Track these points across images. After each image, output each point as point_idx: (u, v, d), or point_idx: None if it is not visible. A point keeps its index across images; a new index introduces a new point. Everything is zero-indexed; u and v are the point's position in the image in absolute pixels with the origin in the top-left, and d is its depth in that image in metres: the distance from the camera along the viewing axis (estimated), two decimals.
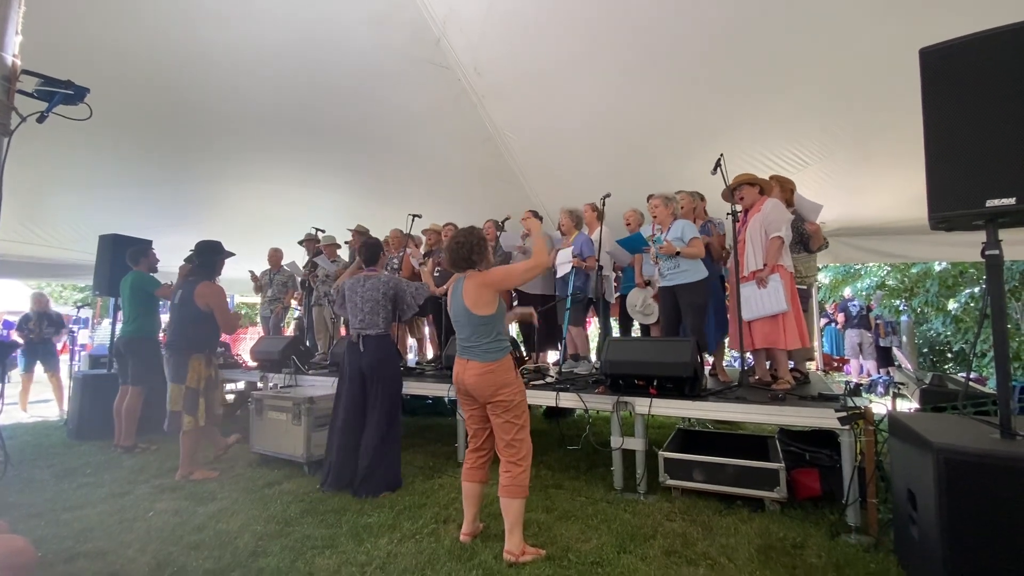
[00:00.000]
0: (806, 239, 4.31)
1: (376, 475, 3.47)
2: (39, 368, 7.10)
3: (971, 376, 6.49)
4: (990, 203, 2.00)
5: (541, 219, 5.55)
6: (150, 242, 5.67)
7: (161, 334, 5.14)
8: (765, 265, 3.77)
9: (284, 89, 4.89)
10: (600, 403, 3.54)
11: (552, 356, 5.92)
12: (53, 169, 5.65)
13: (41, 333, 7.10)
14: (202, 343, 3.98)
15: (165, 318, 5.04)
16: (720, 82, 4.37)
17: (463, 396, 2.75)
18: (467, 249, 2.70)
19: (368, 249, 3.86)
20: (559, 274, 4.97)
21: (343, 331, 6.46)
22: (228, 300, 4.22)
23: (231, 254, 4.29)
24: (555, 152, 5.84)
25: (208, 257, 4.08)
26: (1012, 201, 1.95)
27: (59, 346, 7.77)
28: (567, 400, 3.69)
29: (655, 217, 4.33)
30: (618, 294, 5.32)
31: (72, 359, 7.27)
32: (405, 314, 3.87)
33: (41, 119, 2.36)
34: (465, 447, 4.09)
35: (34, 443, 5.13)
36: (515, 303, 6.08)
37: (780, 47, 3.92)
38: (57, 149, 5.28)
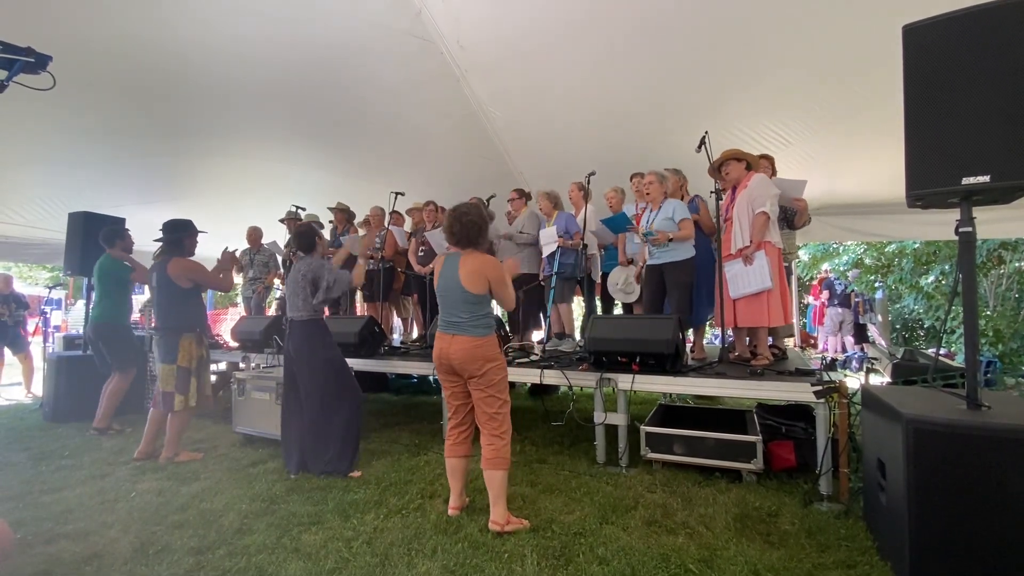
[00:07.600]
0: (791, 216, 4.32)
1: (321, 458, 3.44)
2: (8, 351, 6.94)
3: (941, 351, 6.72)
4: (966, 181, 2.03)
5: (530, 196, 5.51)
6: (123, 220, 5.49)
7: (138, 317, 5.00)
8: (751, 242, 3.75)
9: (261, 62, 4.72)
10: (584, 380, 3.58)
11: (537, 335, 5.96)
12: (17, 143, 5.42)
13: (11, 314, 6.92)
14: (191, 322, 3.94)
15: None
16: (705, 60, 4.34)
17: (445, 372, 2.75)
18: (477, 229, 2.68)
19: (299, 238, 3.66)
20: (544, 253, 4.96)
21: (326, 312, 6.40)
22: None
23: (197, 231, 4.14)
24: (539, 129, 5.76)
25: (172, 235, 3.98)
26: (987, 178, 1.99)
27: (31, 328, 7.57)
28: (551, 377, 3.73)
29: (648, 195, 4.24)
30: (601, 272, 5.34)
31: (46, 341, 7.09)
32: (318, 299, 3.60)
33: (0, 88, 2.25)
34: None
35: (9, 426, 5.03)
36: None
37: (764, 26, 3.90)
38: (21, 122, 5.05)
